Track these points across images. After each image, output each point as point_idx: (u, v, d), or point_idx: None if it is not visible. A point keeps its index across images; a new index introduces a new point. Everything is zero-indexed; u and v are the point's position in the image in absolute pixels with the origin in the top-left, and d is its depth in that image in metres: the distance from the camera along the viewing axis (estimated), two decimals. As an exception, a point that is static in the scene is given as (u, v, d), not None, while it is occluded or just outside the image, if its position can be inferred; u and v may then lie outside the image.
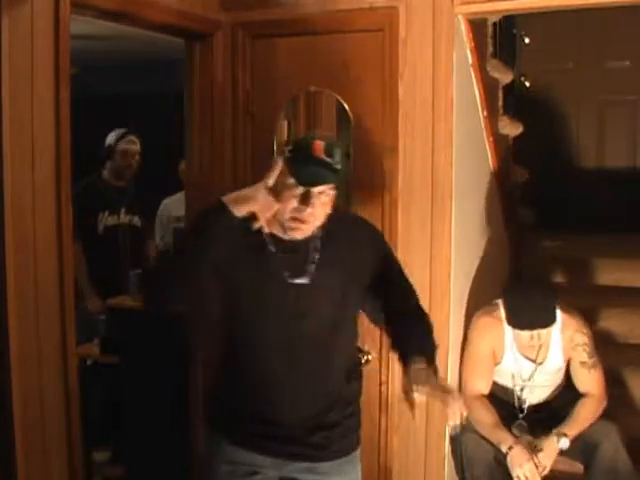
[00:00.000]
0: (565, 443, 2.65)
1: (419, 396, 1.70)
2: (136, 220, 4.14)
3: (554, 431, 2.68)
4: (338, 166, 1.78)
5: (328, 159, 1.76)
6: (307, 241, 1.89)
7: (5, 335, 2.10)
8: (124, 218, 4.07)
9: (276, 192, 1.79)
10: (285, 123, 3.02)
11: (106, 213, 3.98)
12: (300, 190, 1.77)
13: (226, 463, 1.99)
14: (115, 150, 4.05)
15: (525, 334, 2.70)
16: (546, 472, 2.67)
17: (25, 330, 2.16)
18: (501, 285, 3.43)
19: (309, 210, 1.78)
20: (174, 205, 4.33)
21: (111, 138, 4.09)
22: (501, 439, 2.67)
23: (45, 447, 2.24)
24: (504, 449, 2.64)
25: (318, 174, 1.76)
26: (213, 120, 3.05)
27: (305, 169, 1.77)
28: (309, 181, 1.77)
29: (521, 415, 2.82)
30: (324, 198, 1.80)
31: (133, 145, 4.12)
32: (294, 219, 1.81)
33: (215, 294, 1.96)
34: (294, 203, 1.78)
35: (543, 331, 2.69)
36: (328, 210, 1.84)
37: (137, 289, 3.54)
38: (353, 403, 2.05)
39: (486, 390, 2.84)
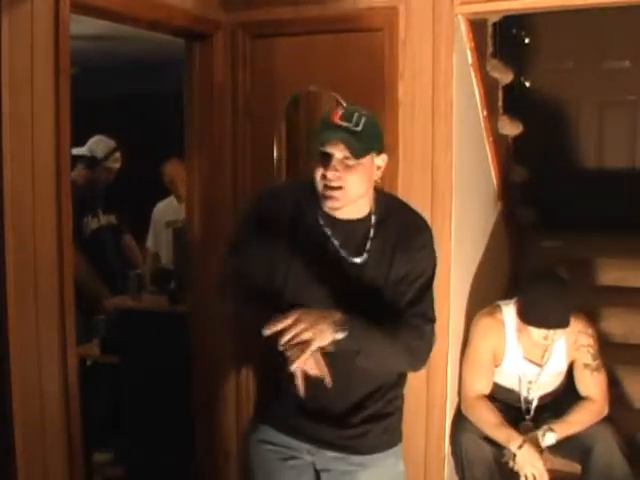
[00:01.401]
0: (551, 439, 2.64)
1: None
2: (113, 219, 4.17)
3: (543, 427, 2.67)
4: (356, 128, 1.78)
5: (344, 123, 1.78)
6: (358, 223, 1.90)
7: (5, 335, 2.10)
8: (103, 219, 4.09)
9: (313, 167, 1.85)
10: (284, 124, 3.02)
11: (89, 217, 4.00)
12: (322, 154, 1.81)
13: (265, 443, 2.00)
14: (100, 165, 4.02)
15: (539, 333, 2.67)
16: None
17: (25, 330, 2.15)
18: (501, 286, 3.44)
19: (330, 173, 1.79)
20: (164, 209, 4.37)
21: (98, 149, 4.03)
22: (509, 438, 2.64)
23: (45, 447, 2.24)
24: (514, 448, 2.62)
25: (328, 136, 1.79)
26: (213, 120, 3.05)
27: (321, 134, 1.81)
28: (320, 142, 1.80)
29: (528, 417, 2.81)
30: (349, 162, 1.79)
31: (118, 164, 4.11)
32: (324, 187, 1.82)
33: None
34: (320, 170, 1.81)
35: (559, 331, 2.66)
36: (364, 180, 1.83)
37: (136, 289, 3.55)
38: (394, 397, 2.02)
39: (486, 390, 2.83)
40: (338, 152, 1.79)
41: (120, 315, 3.49)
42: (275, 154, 3.01)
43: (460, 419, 2.82)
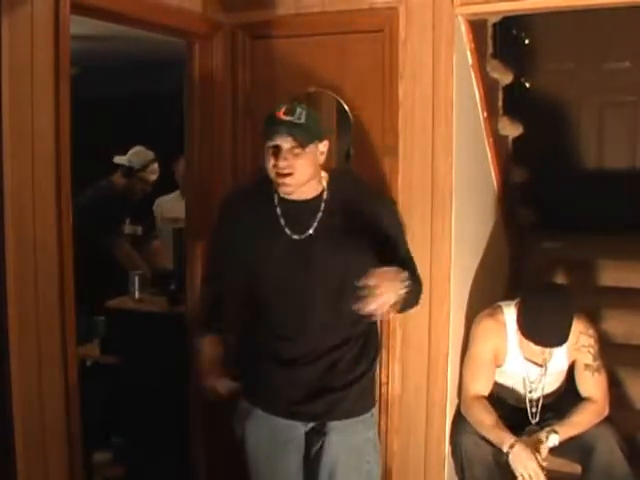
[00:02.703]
0: (554, 440, 2.64)
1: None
2: (139, 230, 4.24)
3: (546, 429, 2.67)
4: (300, 121, 2.02)
5: (289, 117, 2.02)
6: (311, 202, 2.14)
7: (5, 335, 2.10)
8: (128, 229, 4.15)
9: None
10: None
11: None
12: (271, 146, 2.04)
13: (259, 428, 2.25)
14: (137, 175, 4.16)
15: (537, 348, 2.69)
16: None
17: (25, 330, 2.15)
18: (501, 287, 3.44)
19: (282, 163, 2.02)
20: (167, 205, 4.34)
21: (136, 160, 4.17)
22: (502, 439, 2.65)
23: (45, 447, 2.24)
24: (505, 448, 2.62)
25: (276, 130, 2.02)
26: (213, 120, 3.05)
27: (267, 129, 2.05)
28: (269, 137, 2.04)
29: (534, 421, 2.81)
30: (297, 151, 2.03)
31: (154, 175, 4.25)
32: (277, 175, 2.06)
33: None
34: (272, 161, 2.05)
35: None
36: (310, 165, 2.07)
37: (137, 290, 3.56)
38: (366, 352, 2.22)
39: (486, 392, 2.83)
40: (286, 144, 2.02)
41: (120, 316, 3.49)
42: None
43: (460, 419, 2.82)
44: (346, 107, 2.88)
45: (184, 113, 3.12)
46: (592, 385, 2.76)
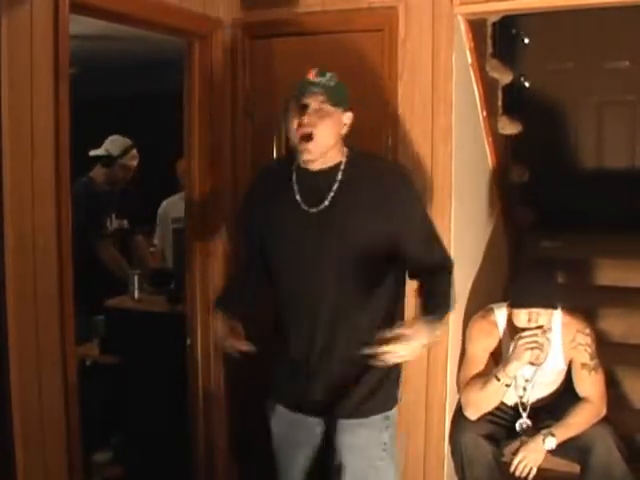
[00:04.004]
0: (551, 443, 2.64)
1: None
2: (125, 223, 4.20)
3: (543, 431, 2.67)
4: (330, 83, 2.04)
5: (318, 78, 2.05)
6: (327, 171, 2.10)
7: (5, 335, 2.10)
8: (115, 223, 4.14)
9: (287, 124, 2.09)
10: (284, 124, 3.02)
11: (108, 220, 4.05)
12: (299, 105, 2.04)
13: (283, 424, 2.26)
14: (117, 162, 4.07)
15: (523, 316, 2.67)
16: (533, 473, 2.67)
17: (24, 329, 2.15)
18: (501, 286, 3.43)
19: (306, 118, 2.02)
20: (172, 206, 4.33)
21: (114, 148, 4.09)
22: (501, 369, 2.67)
23: (44, 447, 2.24)
24: (500, 374, 2.66)
25: (306, 87, 2.04)
26: (213, 120, 3.05)
27: (300, 87, 2.05)
28: (298, 97, 2.05)
29: (524, 414, 2.81)
30: (322, 112, 2.03)
31: (135, 161, 4.18)
32: (299, 140, 2.04)
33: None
34: (296, 120, 2.04)
35: (542, 312, 2.65)
36: (332, 130, 2.06)
37: (136, 290, 3.55)
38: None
39: None
40: (314, 102, 2.03)
41: (119, 315, 3.49)
42: (275, 154, 3.01)
43: (460, 419, 2.82)
44: (346, 107, 2.87)
45: (184, 113, 3.12)
46: (589, 385, 2.77)
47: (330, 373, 2.13)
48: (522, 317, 2.67)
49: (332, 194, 2.08)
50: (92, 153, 4.08)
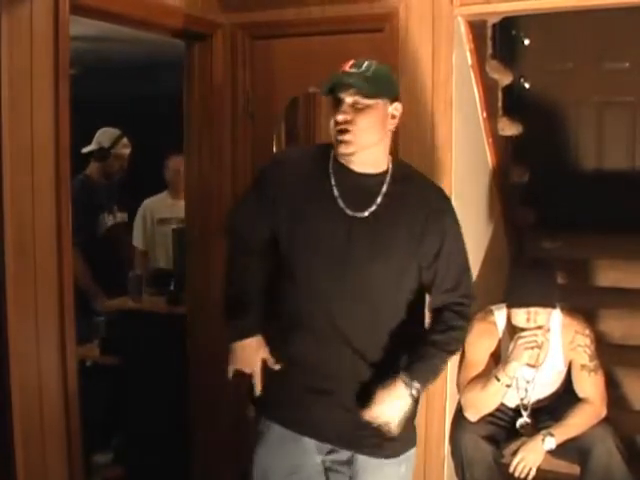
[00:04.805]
0: (550, 444, 2.64)
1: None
2: (126, 217, 4.19)
3: (542, 431, 2.67)
4: (366, 73, 1.84)
5: (354, 69, 1.85)
6: (372, 178, 1.92)
7: (5, 335, 2.10)
8: (119, 216, 4.11)
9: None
10: (284, 124, 3.02)
11: (105, 214, 4.01)
12: (334, 100, 1.86)
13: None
14: (110, 153, 4.07)
15: (521, 316, 2.65)
16: (533, 474, 2.67)
17: (25, 330, 2.16)
18: (501, 287, 3.43)
19: (341, 116, 1.83)
20: (156, 206, 4.29)
21: (104, 139, 4.09)
22: (500, 369, 2.65)
23: (45, 447, 2.24)
24: (500, 374, 2.63)
25: (341, 80, 1.84)
26: (213, 121, 3.06)
27: (329, 82, 1.86)
28: (331, 87, 1.86)
29: (525, 413, 2.81)
30: (360, 105, 1.84)
31: (127, 149, 4.17)
32: (338, 132, 1.85)
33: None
34: (332, 116, 1.86)
35: (540, 311, 2.63)
36: (374, 124, 1.86)
37: (136, 290, 3.55)
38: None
39: None
40: (348, 96, 1.84)
41: (120, 316, 3.49)
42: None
43: (460, 419, 2.82)
44: (346, 107, 2.87)
45: (184, 113, 3.12)
46: (589, 386, 2.76)
47: (355, 401, 1.93)
48: (521, 317, 2.66)
49: (379, 200, 1.90)
50: (84, 150, 4.07)
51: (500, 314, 2.81)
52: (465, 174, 2.96)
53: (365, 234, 1.89)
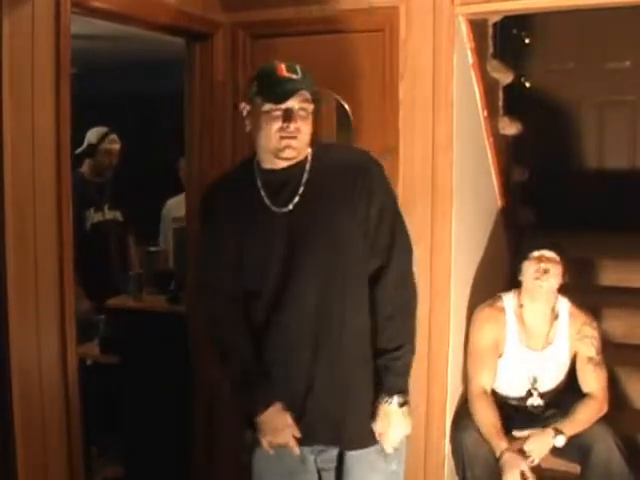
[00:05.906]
0: (561, 441, 2.64)
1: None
2: (118, 215, 4.19)
3: (552, 427, 2.67)
4: (305, 78, 1.90)
5: (293, 75, 1.89)
6: (292, 169, 1.95)
7: (5, 335, 2.10)
8: (108, 214, 4.12)
9: (258, 126, 1.93)
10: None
11: (92, 210, 4.03)
12: (280, 109, 1.87)
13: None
14: (98, 149, 4.11)
15: (532, 268, 2.76)
16: (534, 463, 2.66)
17: (25, 329, 2.16)
18: (502, 286, 3.43)
19: (293, 126, 1.87)
20: (174, 205, 4.34)
21: (92, 136, 4.14)
22: (495, 445, 2.66)
23: (45, 447, 2.24)
24: (497, 454, 2.64)
25: (290, 88, 1.87)
26: (213, 120, 3.05)
27: (278, 88, 1.87)
28: (285, 97, 1.87)
29: (535, 393, 2.82)
30: (302, 113, 1.89)
31: (116, 145, 4.20)
32: (282, 138, 1.89)
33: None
34: (279, 123, 1.88)
35: (550, 265, 2.74)
36: (310, 125, 1.92)
37: (137, 289, 3.55)
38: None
39: (490, 385, 2.82)
40: (296, 104, 1.88)
41: (120, 315, 3.49)
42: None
43: (461, 417, 2.83)
44: (346, 107, 2.88)
45: (184, 113, 3.12)
46: (593, 380, 2.77)
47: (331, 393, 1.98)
48: (531, 270, 2.71)
49: (298, 197, 1.94)
50: (77, 151, 4.11)
51: (508, 298, 2.86)
52: (465, 173, 2.96)
53: (298, 225, 1.93)
